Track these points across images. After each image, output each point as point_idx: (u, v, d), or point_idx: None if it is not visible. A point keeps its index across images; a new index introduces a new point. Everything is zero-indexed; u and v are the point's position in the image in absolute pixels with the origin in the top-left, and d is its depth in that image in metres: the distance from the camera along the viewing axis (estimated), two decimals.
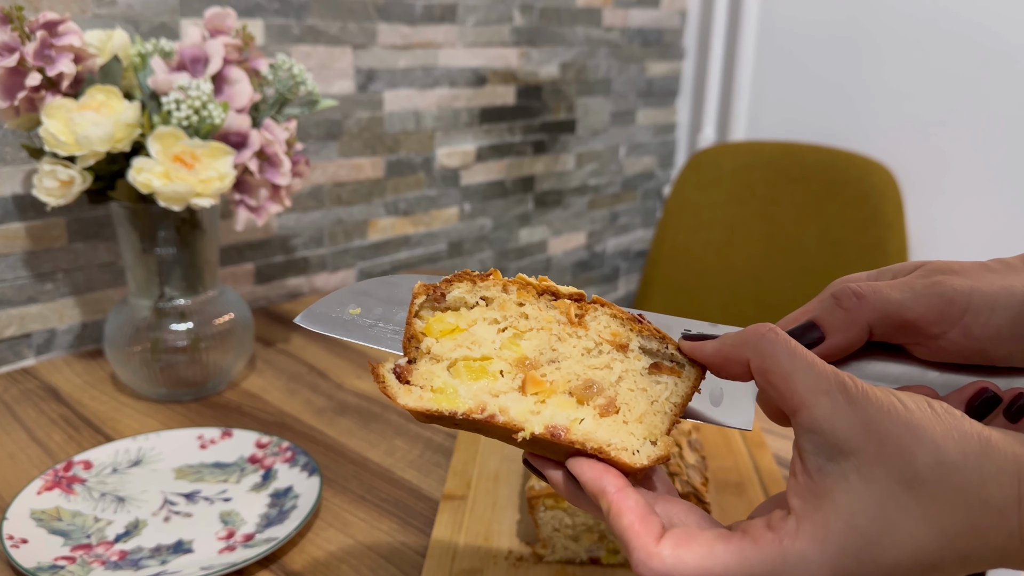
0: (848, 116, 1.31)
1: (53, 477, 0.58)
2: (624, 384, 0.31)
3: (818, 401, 0.27)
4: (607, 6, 1.32)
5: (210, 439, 0.64)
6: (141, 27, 0.83)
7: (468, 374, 0.31)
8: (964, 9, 1.16)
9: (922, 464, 0.25)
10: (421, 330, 0.31)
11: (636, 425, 0.30)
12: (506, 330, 0.32)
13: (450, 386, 0.30)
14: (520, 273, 0.34)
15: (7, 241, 0.79)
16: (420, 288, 0.32)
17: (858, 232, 1.20)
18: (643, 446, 0.30)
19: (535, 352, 0.31)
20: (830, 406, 0.27)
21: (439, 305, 0.32)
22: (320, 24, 0.98)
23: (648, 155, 1.51)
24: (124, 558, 0.52)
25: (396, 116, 1.09)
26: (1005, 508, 0.25)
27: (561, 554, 0.50)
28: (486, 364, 0.31)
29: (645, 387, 0.31)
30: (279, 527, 0.54)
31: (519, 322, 0.32)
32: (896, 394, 0.27)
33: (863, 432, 0.26)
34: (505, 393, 0.30)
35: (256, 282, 1.00)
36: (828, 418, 0.27)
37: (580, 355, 0.31)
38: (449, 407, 0.30)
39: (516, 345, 0.31)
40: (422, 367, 0.31)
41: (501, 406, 0.30)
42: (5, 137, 0.77)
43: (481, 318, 0.32)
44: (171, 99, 0.62)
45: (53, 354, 0.84)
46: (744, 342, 0.29)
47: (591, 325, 0.32)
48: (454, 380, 0.31)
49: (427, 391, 0.30)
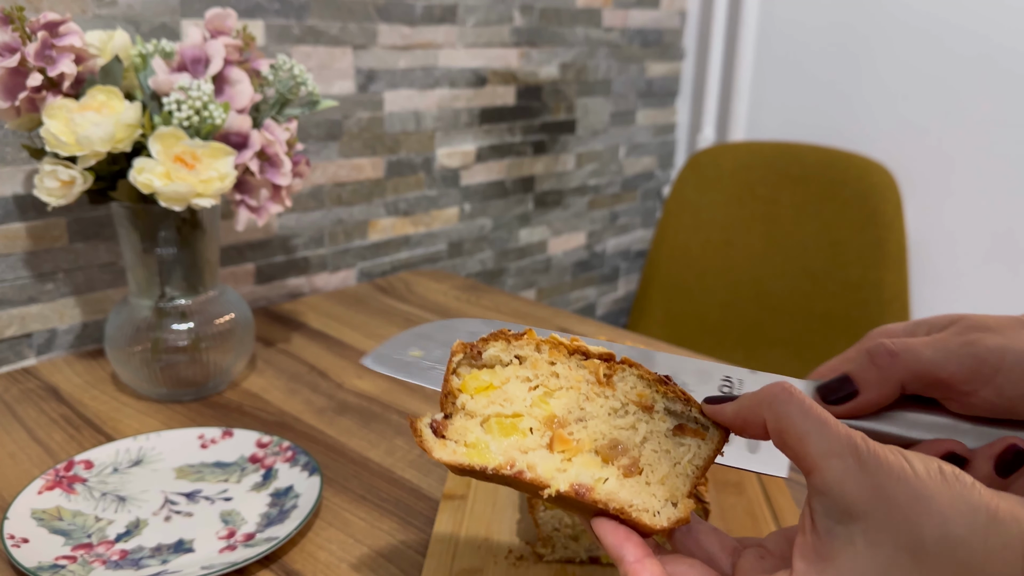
0: (847, 116, 1.31)
1: (54, 477, 0.58)
2: (648, 445, 0.32)
3: (829, 464, 0.27)
4: (607, 7, 1.32)
5: (211, 439, 0.64)
6: (142, 27, 0.83)
7: (500, 430, 0.32)
8: (962, 11, 1.17)
9: (928, 535, 0.26)
10: (457, 387, 0.33)
11: (658, 487, 0.31)
12: (537, 388, 0.33)
13: (482, 442, 0.32)
14: (553, 334, 0.35)
15: (8, 241, 0.79)
16: (458, 347, 0.33)
17: (857, 232, 1.20)
18: (664, 508, 0.31)
19: (564, 411, 0.32)
20: (841, 469, 0.27)
21: (476, 363, 0.33)
22: (320, 25, 0.98)
23: (648, 155, 1.51)
24: (125, 557, 0.52)
25: (396, 116, 1.09)
26: None
27: (561, 553, 0.50)
28: (517, 421, 0.32)
29: (669, 449, 0.32)
30: (280, 526, 0.54)
31: (550, 380, 0.33)
32: (908, 456, 0.27)
33: (872, 497, 0.26)
34: (534, 450, 0.31)
35: (257, 282, 1.00)
36: (838, 482, 0.27)
37: (607, 415, 0.32)
38: (480, 462, 0.31)
39: (546, 403, 0.33)
40: (457, 422, 0.32)
41: (529, 463, 0.31)
42: (6, 137, 0.77)
43: (514, 376, 0.33)
44: (172, 99, 0.62)
45: (54, 354, 0.84)
46: (760, 403, 0.30)
47: (618, 385, 0.33)
48: (486, 436, 0.32)
49: (461, 446, 0.32)
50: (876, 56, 1.26)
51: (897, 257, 1.17)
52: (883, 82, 1.26)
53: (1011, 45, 1.13)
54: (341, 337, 0.89)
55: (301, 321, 0.94)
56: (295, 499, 0.57)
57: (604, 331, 0.94)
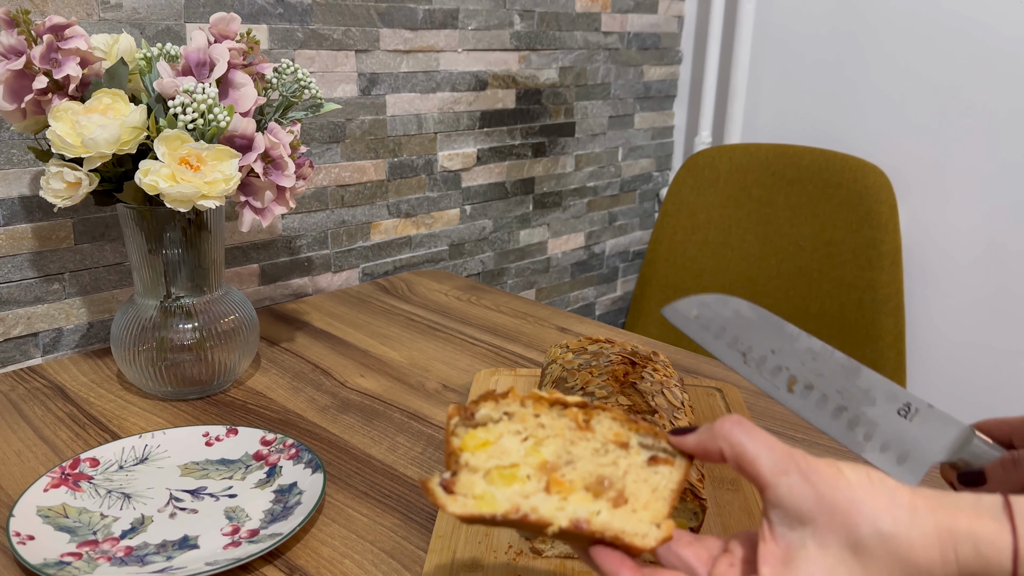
0: (842, 118, 1.32)
1: (60, 474, 0.59)
2: (629, 477, 0.36)
3: (779, 481, 0.32)
4: (606, 11, 1.33)
5: (215, 436, 0.65)
6: (147, 31, 0.84)
7: (501, 480, 0.36)
8: (957, 13, 1.18)
9: (864, 532, 0.30)
10: (459, 446, 0.37)
11: (643, 512, 0.35)
12: (527, 439, 0.37)
13: (488, 493, 0.35)
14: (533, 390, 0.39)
15: (15, 242, 0.80)
16: (453, 410, 0.37)
17: (852, 233, 1.21)
18: (650, 530, 0.35)
19: (554, 456, 0.36)
20: (787, 484, 0.32)
21: (470, 423, 0.37)
22: (324, 29, 0.99)
23: (645, 157, 1.52)
24: (130, 554, 0.52)
25: (398, 119, 1.10)
26: (931, 567, 0.30)
27: (560, 549, 0.51)
28: (515, 471, 0.36)
29: (647, 478, 0.36)
30: (283, 523, 0.54)
31: (537, 431, 0.37)
32: (841, 467, 0.32)
33: (816, 505, 0.31)
34: (534, 494, 0.35)
35: (261, 282, 1.01)
36: (787, 494, 0.32)
37: (591, 455, 0.37)
38: (490, 511, 0.35)
39: (538, 451, 0.37)
40: (463, 478, 0.36)
41: (532, 506, 0.35)
42: (12, 139, 0.78)
43: (506, 431, 0.37)
44: (177, 103, 0.63)
45: (60, 353, 0.85)
46: (715, 434, 0.35)
47: (597, 428, 0.37)
48: (490, 487, 0.35)
49: (470, 499, 0.35)
50: (871, 59, 1.27)
51: (891, 258, 1.18)
52: (878, 85, 1.27)
53: (1005, 47, 1.14)
54: (344, 336, 0.90)
55: (305, 321, 0.95)
56: (299, 496, 0.57)
57: (603, 331, 0.95)
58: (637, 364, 0.60)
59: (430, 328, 0.94)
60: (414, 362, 0.84)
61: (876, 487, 0.31)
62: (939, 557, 0.30)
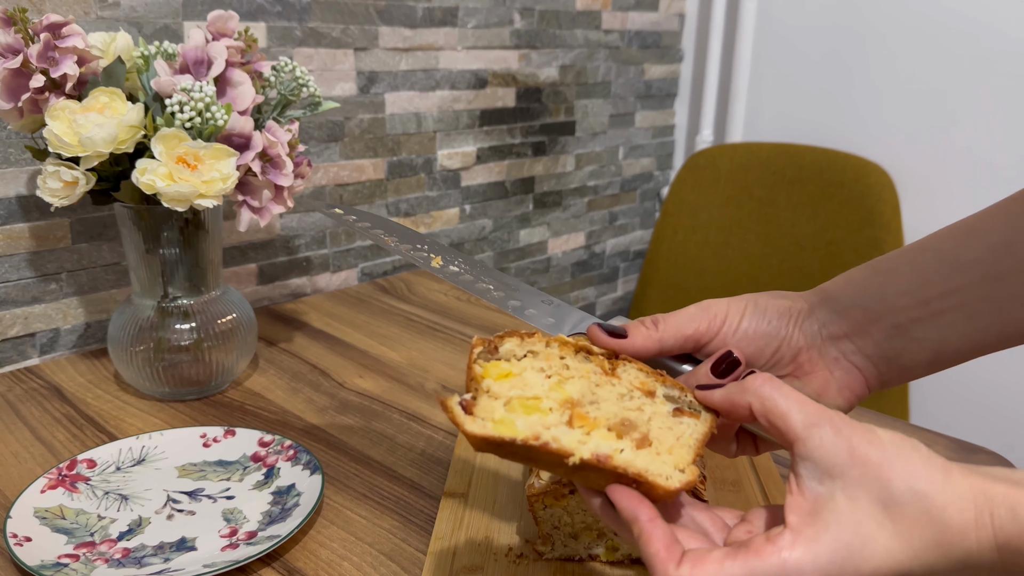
0: (844, 118, 1.32)
1: (56, 476, 0.58)
2: (654, 423, 0.36)
3: (810, 434, 0.32)
4: (606, 9, 1.33)
5: (213, 438, 0.65)
6: (144, 29, 0.83)
7: (523, 410, 0.35)
8: (960, 10, 1.17)
9: (897, 489, 0.30)
10: (480, 373, 0.36)
11: (667, 456, 0.35)
12: (551, 376, 0.37)
13: (508, 418, 0.34)
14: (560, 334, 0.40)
15: (11, 242, 0.79)
16: (477, 341, 0.37)
17: (854, 232, 1.21)
18: (674, 473, 0.34)
19: (578, 394, 0.36)
20: (819, 437, 0.32)
21: (493, 356, 0.37)
22: (322, 27, 0.98)
23: (646, 157, 1.51)
24: (127, 556, 0.52)
25: (397, 118, 1.09)
26: (964, 529, 0.30)
27: (560, 551, 0.51)
28: (537, 402, 0.35)
29: (671, 426, 0.36)
30: (282, 524, 0.54)
31: (562, 371, 0.37)
32: (874, 428, 0.32)
33: (848, 459, 0.31)
34: (556, 426, 0.35)
35: (259, 282, 1.01)
36: (818, 447, 0.32)
37: (616, 399, 0.37)
38: (509, 435, 0.33)
39: (562, 388, 0.36)
40: (483, 403, 0.35)
41: (554, 436, 0.34)
42: (9, 138, 0.77)
43: (530, 367, 0.37)
44: (174, 101, 0.63)
45: (57, 353, 0.84)
46: (744, 389, 0.35)
47: (623, 375, 0.38)
48: (511, 414, 0.35)
49: (488, 421, 0.34)
50: (873, 58, 1.27)
51: None
52: (879, 84, 1.27)
53: (1006, 46, 1.14)
54: (343, 337, 0.90)
55: (303, 321, 0.94)
56: (297, 497, 0.57)
57: None
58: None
59: (429, 328, 0.93)
60: (413, 362, 0.84)
61: (910, 448, 0.31)
62: (973, 519, 0.30)
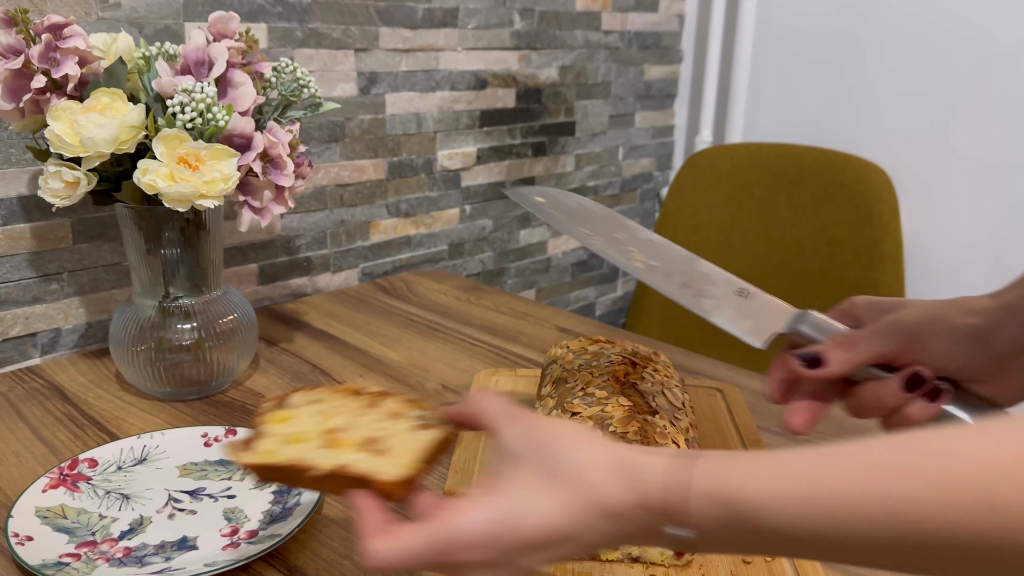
0: (843, 118, 1.32)
1: (58, 475, 0.59)
2: (395, 438, 0.43)
3: (505, 428, 0.38)
4: (606, 10, 1.33)
5: (214, 437, 0.65)
6: (145, 30, 0.84)
7: (291, 442, 0.43)
8: (959, 12, 1.17)
9: (561, 462, 0.36)
10: (260, 420, 0.44)
11: (398, 459, 0.41)
12: (322, 416, 0.44)
13: (274, 450, 0.42)
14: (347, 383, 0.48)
15: (13, 242, 0.79)
16: (268, 398, 0.46)
17: (853, 233, 1.21)
18: (399, 471, 0.40)
19: (338, 425, 0.44)
20: (511, 431, 0.38)
21: (282, 408, 0.45)
22: (322, 28, 0.98)
23: (646, 157, 1.52)
24: (129, 555, 0.52)
25: (398, 119, 1.09)
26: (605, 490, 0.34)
27: None
28: (303, 435, 0.43)
29: (410, 439, 0.43)
30: (283, 524, 0.54)
31: (332, 410, 0.45)
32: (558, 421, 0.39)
33: (530, 445, 0.37)
34: (314, 451, 0.42)
35: (260, 282, 1.01)
36: (509, 438, 0.38)
37: (369, 423, 0.44)
38: (272, 461, 0.41)
39: (327, 423, 0.44)
40: (260, 442, 0.43)
41: (308, 458, 0.41)
42: (11, 139, 0.78)
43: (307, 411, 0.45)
44: (176, 102, 0.63)
45: (58, 353, 0.85)
46: (467, 401, 0.41)
47: (381, 406, 0.45)
48: (280, 447, 0.42)
49: (258, 453, 0.42)
50: (872, 58, 1.27)
51: (893, 257, 1.18)
52: (879, 84, 1.27)
53: (1004, 47, 1.14)
54: (343, 337, 0.90)
55: (304, 321, 0.94)
56: (298, 496, 0.57)
57: (602, 331, 0.95)
58: (638, 364, 0.60)
59: (430, 328, 0.94)
60: (414, 362, 0.84)
61: (583, 433, 0.37)
62: (611, 480, 0.34)
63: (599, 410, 0.53)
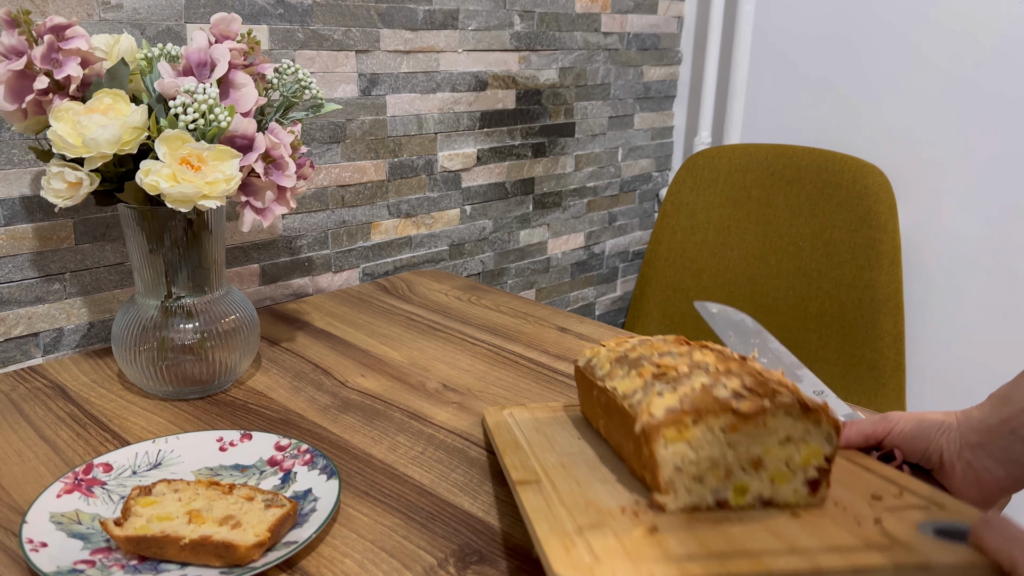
0: (841, 119, 1.32)
1: (72, 480, 0.58)
2: (248, 515, 0.53)
3: None
4: (605, 12, 1.34)
5: (229, 441, 0.64)
6: (147, 31, 0.84)
7: (158, 520, 0.53)
8: (956, 13, 1.18)
9: None
10: (130, 504, 0.55)
11: (250, 530, 0.52)
12: (182, 500, 0.55)
13: (145, 525, 0.52)
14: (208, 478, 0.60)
15: (16, 242, 0.80)
16: (135, 488, 0.56)
17: (851, 233, 1.22)
18: (251, 539, 0.50)
19: (199, 507, 0.54)
20: None
21: (148, 495, 0.56)
22: (324, 29, 0.99)
23: (645, 158, 1.52)
24: (143, 562, 0.51)
25: (399, 120, 1.10)
26: None
27: (684, 500, 0.45)
28: (169, 515, 0.54)
29: (260, 516, 0.53)
30: (299, 530, 0.53)
31: (192, 497, 0.55)
32: None
33: None
34: (180, 527, 0.52)
35: (262, 282, 1.01)
36: None
37: (226, 505, 0.55)
38: (142, 533, 0.51)
39: (189, 505, 0.55)
40: (131, 521, 0.53)
41: (175, 529, 0.51)
42: (13, 140, 0.78)
43: (171, 497, 0.56)
44: (178, 103, 0.63)
45: (61, 353, 0.85)
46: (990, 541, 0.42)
47: (235, 492, 0.56)
48: (148, 523, 0.53)
49: (132, 528, 0.52)
50: (869, 60, 1.28)
51: (891, 258, 1.18)
52: (876, 85, 1.28)
53: (1002, 48, 1.14)
54: (344, 336, 0.90)
55: (305, 320, 0.95)
56: (314, 503, 0.56)
57: (602, 331, 0.95)
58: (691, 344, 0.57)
59: (430, 328, 0.94)
60: (414, 362, 0.84)
61: None
62: None
63: (688, 359, 0.51)
